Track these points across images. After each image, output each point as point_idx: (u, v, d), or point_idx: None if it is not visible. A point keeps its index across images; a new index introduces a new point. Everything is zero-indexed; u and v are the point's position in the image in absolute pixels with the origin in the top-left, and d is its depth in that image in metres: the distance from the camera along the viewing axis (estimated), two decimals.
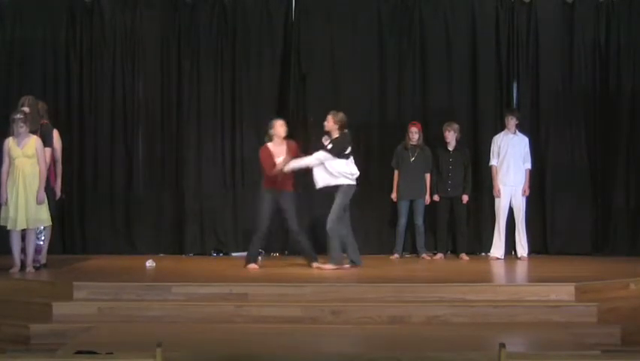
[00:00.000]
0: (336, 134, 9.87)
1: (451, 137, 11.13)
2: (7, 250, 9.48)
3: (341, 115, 9.92)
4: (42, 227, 9.60)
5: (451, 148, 11.16)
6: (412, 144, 11.12)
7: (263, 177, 10.04)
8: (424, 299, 8.31)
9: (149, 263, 10.05)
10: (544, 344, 7.27)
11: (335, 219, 9.76)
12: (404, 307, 8.14)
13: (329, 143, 9.86)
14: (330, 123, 9.90)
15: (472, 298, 8.31)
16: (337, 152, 9.79)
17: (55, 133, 9.94)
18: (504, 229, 10.96)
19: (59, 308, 8.04)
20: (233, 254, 11.62)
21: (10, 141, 9.44)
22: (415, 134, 11.09)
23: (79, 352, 6.17)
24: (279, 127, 10.04)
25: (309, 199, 11.06)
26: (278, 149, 9.99)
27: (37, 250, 9.63)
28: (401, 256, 11.20)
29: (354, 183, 9.90)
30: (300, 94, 11.73)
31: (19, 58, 11.62)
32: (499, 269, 10.36)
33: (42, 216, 9.41)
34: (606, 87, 11.64)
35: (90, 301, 8.21)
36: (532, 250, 11.25)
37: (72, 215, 11.55)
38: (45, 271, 9.59)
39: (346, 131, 9.91)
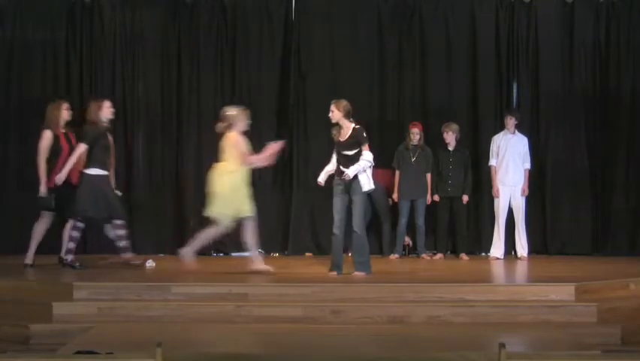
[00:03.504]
0: (348, 125, 9.10)
1: (450, 137, 11.14)
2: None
3: (345, 102, 9.11)
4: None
5: (451, 148, 11.16)
6: (412, 145, 11.13)
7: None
8: (424, 299, 8.30)
9: (149, 263, 10.04)
10: (544, 343, 7.26)
11: None
12: (404, 307, 8.13)
13: (356, 140, 9.06)
14: (337, 113, 9.07)
15: (472, 298, 8.30)
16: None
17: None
18: (504, 229, 10.97)
19: (59, 308, 8.02)
20: (233, 254, 11.63)
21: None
22: (416, 134, 11.11)
23: (79, 352, 6.16)
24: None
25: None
26: None
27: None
28: (401, 256, 11.21)
29: None
30: (300, 94, 11.73)
31: (19, 58, 11.63)
32: (499, 269, 10.36)
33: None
34: (606, 87, 11.66)
35: (90, 301, 8.19)
36: (532, 250, 11.26)
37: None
38: (45, 271, 9.58)
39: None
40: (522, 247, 11.05)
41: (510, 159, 10.93)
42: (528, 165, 11.03)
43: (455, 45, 11.78)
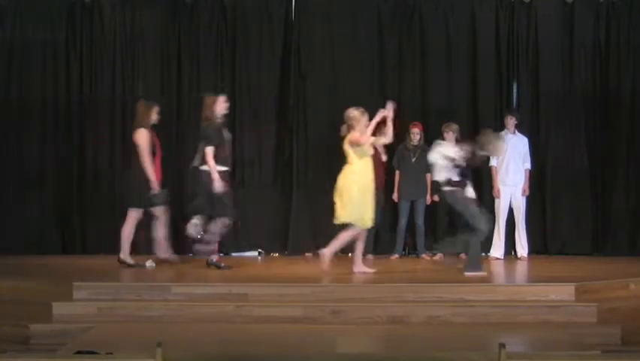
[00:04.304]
0: None
1: (450, 138, 11.10)
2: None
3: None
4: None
5: None
6: (413, 145, 11.14)
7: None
8: (424, 299, 8.30)
9: (149, 263, 10.04)
10: (544, 343, 7.26)
11: None
12: (404, 307, 8.13)
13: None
14: None
15: (472, 298, 8.30)
16: None
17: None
18: (504, 229, 10.96)
19: (59, 308, 8.02)
20: (233, 254, 11.62)
21: None
22: (416, 135, 11.11)
23: (79, 352, 6.17)
24: None
25: None
26: None
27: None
28: (401, 256, 11.21)
29: None
30: (300, 94, 11.73)
31: (19, 58, 11.63)
32: (499, 269, 10.36)
33: None
34: (606, 87, 11.65)
35: (90, 301, 8.19)
36: (532, 250, 11.26)
37: (72, 215, 11.55)
38: (45, 271, 9.58)
39: None
40: (522, 247, 11.05)
41: (510, 159, 10.93)
42: (528, 165, 11.03)
43: (455, 45, 11.78)
